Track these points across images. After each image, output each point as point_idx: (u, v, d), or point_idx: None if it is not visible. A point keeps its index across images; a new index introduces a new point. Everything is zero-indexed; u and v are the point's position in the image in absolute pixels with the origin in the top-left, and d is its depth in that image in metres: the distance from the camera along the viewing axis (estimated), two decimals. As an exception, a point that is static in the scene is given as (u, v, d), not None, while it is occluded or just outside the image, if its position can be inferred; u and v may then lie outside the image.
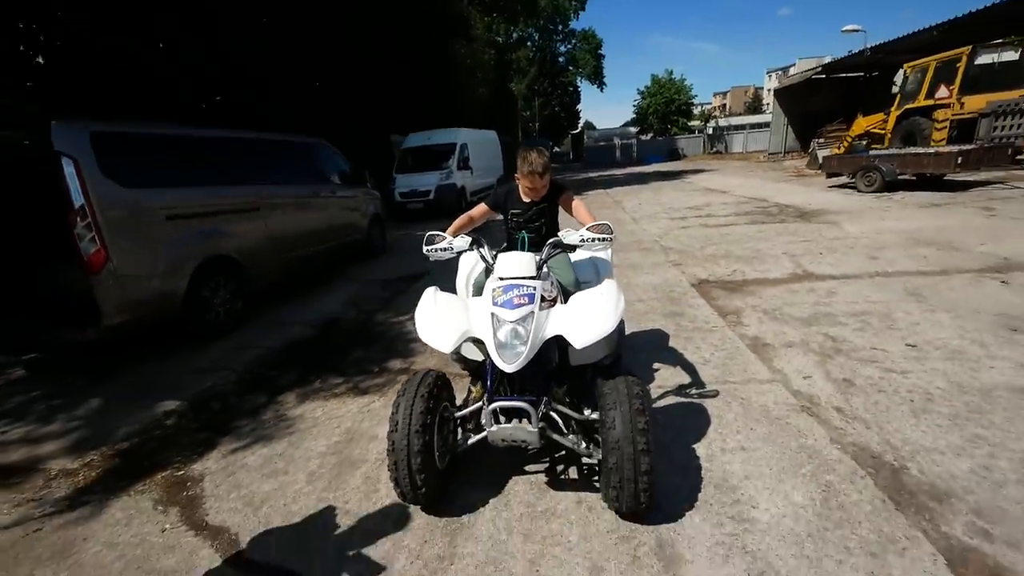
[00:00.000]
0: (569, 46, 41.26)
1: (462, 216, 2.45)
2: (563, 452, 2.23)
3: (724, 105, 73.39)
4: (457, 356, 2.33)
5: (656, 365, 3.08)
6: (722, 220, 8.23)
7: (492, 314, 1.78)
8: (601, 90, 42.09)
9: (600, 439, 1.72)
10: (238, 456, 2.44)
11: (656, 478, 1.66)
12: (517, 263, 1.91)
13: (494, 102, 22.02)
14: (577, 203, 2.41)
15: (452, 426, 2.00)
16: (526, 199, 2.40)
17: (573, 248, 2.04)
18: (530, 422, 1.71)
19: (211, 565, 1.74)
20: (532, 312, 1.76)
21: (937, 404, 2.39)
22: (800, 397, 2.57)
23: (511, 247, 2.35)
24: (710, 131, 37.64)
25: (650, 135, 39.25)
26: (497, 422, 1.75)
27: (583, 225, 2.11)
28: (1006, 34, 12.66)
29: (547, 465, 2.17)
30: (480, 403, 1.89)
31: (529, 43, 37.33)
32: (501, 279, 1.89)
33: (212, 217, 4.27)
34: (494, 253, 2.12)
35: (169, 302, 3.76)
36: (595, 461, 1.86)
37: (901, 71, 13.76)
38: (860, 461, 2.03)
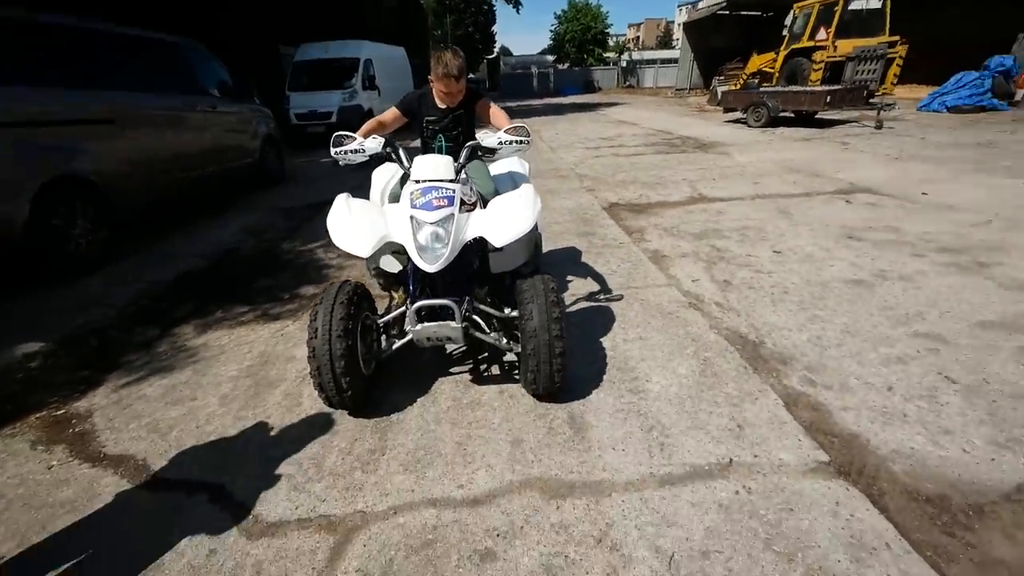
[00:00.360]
0: (483, -41, 37.89)
1: (371, 120, 2.30)
2: (485, 353, 2.39)
3: (638, 38, 73.58)
4: (376, 270, 2.31)
5: (570, 277, 3.31)
6: (632, 150, 8.62)
7: (411, 217, 1.78)
8: (518, 11, 39.42)
9: (520, 332, 1.87)
10: (133, 389, 2.27)
11: (567, 362, 1.86)
12: (434, 165, 1.89)
13: (400, 15, 19.77)
14: (495, 109, 2.37)
15: (375, 334, 2.04)
16: (441, 105, 2.32)
17: (492, 151, 2.04)
18: (453, 320, 1.80)
19: (119, 490, 1.67)
20: (452, 214, 1.78)
21: (790, 295, 2.89)
22: (688, 296, 2.96)
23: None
24: (623, 64, 37.88)
25: (566, 64, 38.47)
26: (421, 321, 1.80)
27: (501, 128, 2.12)
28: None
29: (470, 365, 2.32)
30: (403, 308, 1.93)
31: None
32: (418, 182, 1.87)
33: (55, 128, 3.54)
34: (410, 157, 2.06)
35: (5, 231, 3.15)
36: (515, 354, 2.03)
37: (792, 12, 14.74)
38: (731, 341, 2.44)
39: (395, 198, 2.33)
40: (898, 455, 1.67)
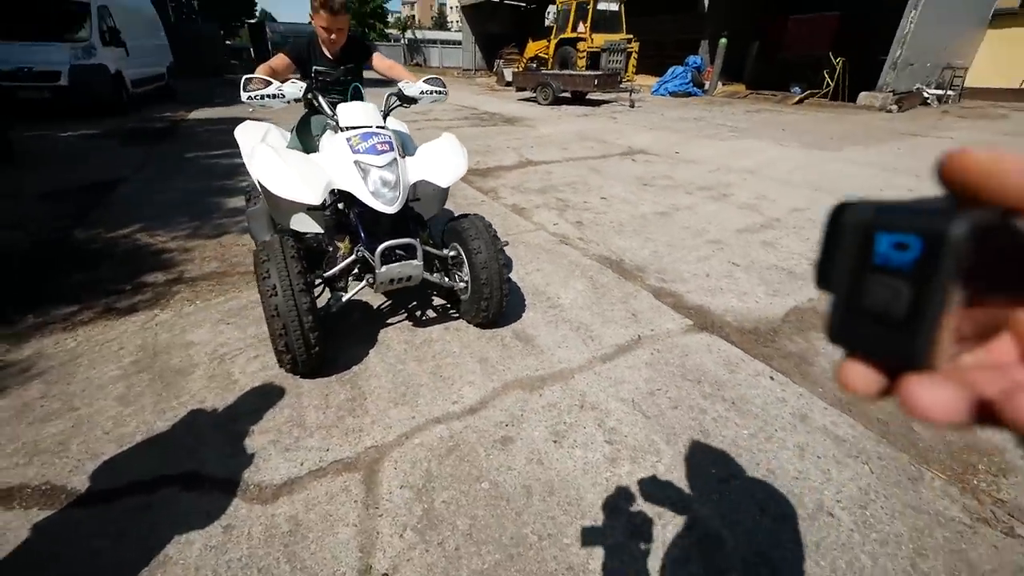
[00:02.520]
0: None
1: (261, 67, 2.05)
2: (413, 303, 2.47)
3: (413, 16, 72.99)
4: (290, 232, 2.11)
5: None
6: (449, 123, 8.95)
7: (356, 163, 1.75)
8: None
9: (467, 266, 2.05)
10: None
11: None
12: (364, 112, 1.86)
13: None
14: (391, 62, 2.38)
15: (319, 292, 1.93)
16: (330, 55, 2.22)
17: (414, 100, 2.09)
18: (415, 258, 1.86)
19: (31, 521, 1.28)
20: (396, 158, 1.82)
21: (626, 227, 3.73)
22: (557, 235, 3.52)
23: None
24: (405, 41, 37.38)
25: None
26: (386, 263, 1.80)
27: (402, 80, 2.18)
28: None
29: (404, 316, 2.38)
30: (352, 257, 1.88)
31: None
32: (349, 128, 1.82)
33: None
34: (331, 103, 1.95)
35: None
36: (458, 290, 2.19)
37: (552, 6, 17.04)
38: (601, 262, 3.08)
39: (298, 150, 2.15)
40: (726, 311, 2.52)
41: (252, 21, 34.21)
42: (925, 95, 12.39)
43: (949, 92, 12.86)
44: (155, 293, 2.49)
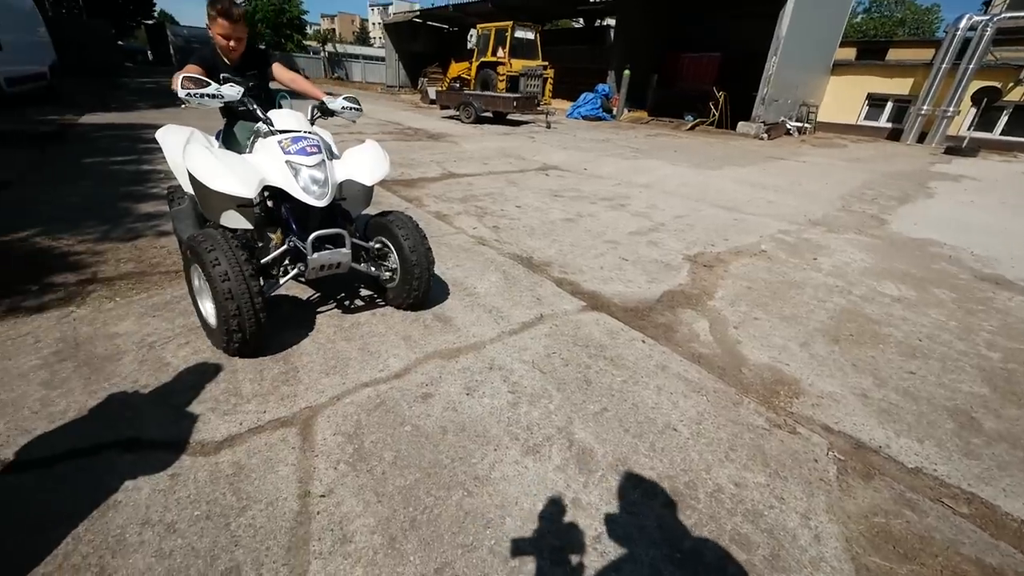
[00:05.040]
0: None
1: (175, 78, 2.16)
2: (342, 293, 2.70)
3: (333, 30, 71.23)
4: (220, 227, 2.26)
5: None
6: (374, 137, 9.07)
7: (288, 162, 1.99)
8: None
9: (395, 254, 2.34)
10: None
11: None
12: (295, 118, 2.11)
13: None
14: (293, 74, 2.53)
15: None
16: (229, 62, 2.35)
17: (333, 113, 2.36)
18: (343, 247, 2.11)
19: (-32, 485, 1.36)
20: (324, 160, 2.09)
21: (536, 231, 4.21)
22: (475, 238, 3.90)
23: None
24: (325, 55, 36.55)
25: (263, 46, 34.19)
26: (317, 251, 2.03)
27: (307, 93, 2.44)
28: (527, 19, 18.40)
29: (333, 305, 2.60)
30: (284, 247, 2.09)
31: None
32: (281, 132, 2.06)
33: None
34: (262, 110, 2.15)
35: None
36: (382, 278, 2.47)
37: (473, 30, 17.81)
38: (513, 259, 3.50)
39: (230, 147, 2.33)
40: (614, 294, 3.03)
41: (150, 22, 31.64)
42: (788, 126, 14.71)
43: (806, 124, 15.38)
44: (67, 292, 2.47)
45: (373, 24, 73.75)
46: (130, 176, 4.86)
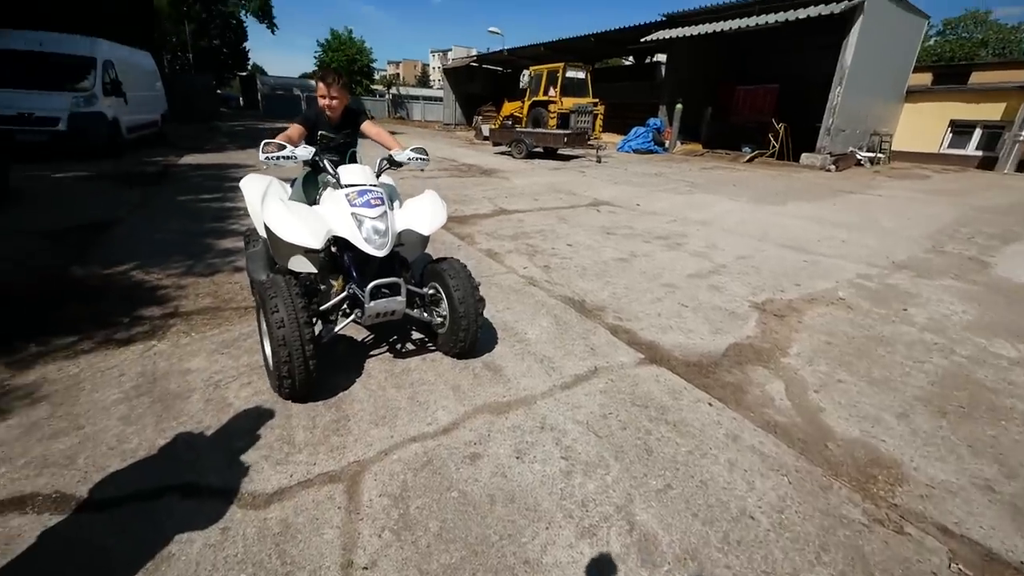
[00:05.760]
0: (225, -32, 33.62)
1: (280, 136, 2.36)
2: (394, 336, 2.71)
3: (398, 74, 76.67)
4: (287, 271, 2.36)
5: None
6: (430, 174, 9.45)
7: (353, 214, 2.06)
8: (273, 32, 36.50)
9: (446, 302, 2.33)
10: None
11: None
12: (362, 173, 2.21)
13: (128, 12, 15.90)
14: (379, 129, 2.76)
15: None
16: (331, 120, 2.59)
17: (400, 164, 2.46)
18: (399, 295, 2.14)
19: (43, 527, 1.41)
20: (386, 211, 2.15)
21: (588, 271, 4.11)
22: (525, 278, 3.85)
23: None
24: (389, 97, 39.33)
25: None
26: (375, 299, 2.07)
27: (386, 145, 2.59)
28: (577, 60, 18.92)
29: (385, 348, 2.61)
30: (344, 294, 2.15)
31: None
32: (349, 186, 2.15)
33: None
34: (334, 163, 2.29)
35: None
36: (434, 325, 2.45)
37: (526, 72, 18.49)
38: (565, 302, 3.40)
39: (299, 199, 2.46)
40: (674, 346, 2.84)
41: (244, 74, 35.61)
42: (858, 157, 13.84)
43: (879, 155, 14.41)
44: (152, 326, 2.66)
45: (433, 68, 78.69)
46: (214, 213, 5.30)
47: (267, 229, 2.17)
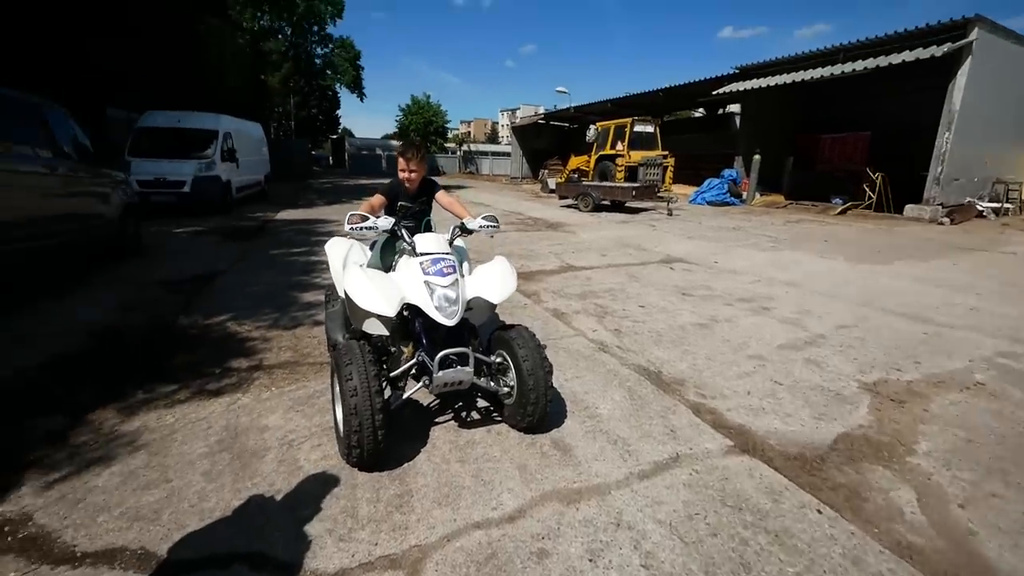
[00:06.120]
0: (326, 50, 39.75)
1: (364, 204, 2.55)
2: (459, 403, 2.65)
3: (469, 132, 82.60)
4: (361, 332, 2.43)
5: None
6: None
7: (426, 282, 2.10)
8: (361, 100, 42.01)
9: (513, 373, 2.25)
10: (75, 483, 1.90)
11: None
12: (436, 241, 2.27)
13: (246, 92, 19.12)
14: (452, 199, 2.89)
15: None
16: (409, 191, 2.73)
17: (471, 231, 2.52)
18: (467, 365, 2.10)
19: (124, 586, 1.45)
20: (457, 279, 2.16)
21: (664, 337, 3.85)
22: (595, 343, 3.68)
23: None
24: (460, 153, 42.37)
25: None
26: (443, 368, 2.05)
27: (458, 214, 2.71)
28: (644, 114, 19.19)
29: (450, 415, 2.55)
30: (413, 361, 2.15)
31: (280, 36, 34.01)
32: (425, 254, 2.21)
33: None
34: (410, 231, 2.39)
35: None
36: (501, 395, 2.36)
37: (592, 127, 19.02)
38: (639, 372, 3.18)
39: (375, 264, 2.57)
40: (769, 433, 2.50)
41: (335, 136, 40.60)
42: (979, 208, 12.28)
43: (1006, 205, 12.69)
44: (239, 378, 2.83)
45: (502, 125, 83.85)
46: (301, 266, 5.77)
47: (346, 293, 2.27)
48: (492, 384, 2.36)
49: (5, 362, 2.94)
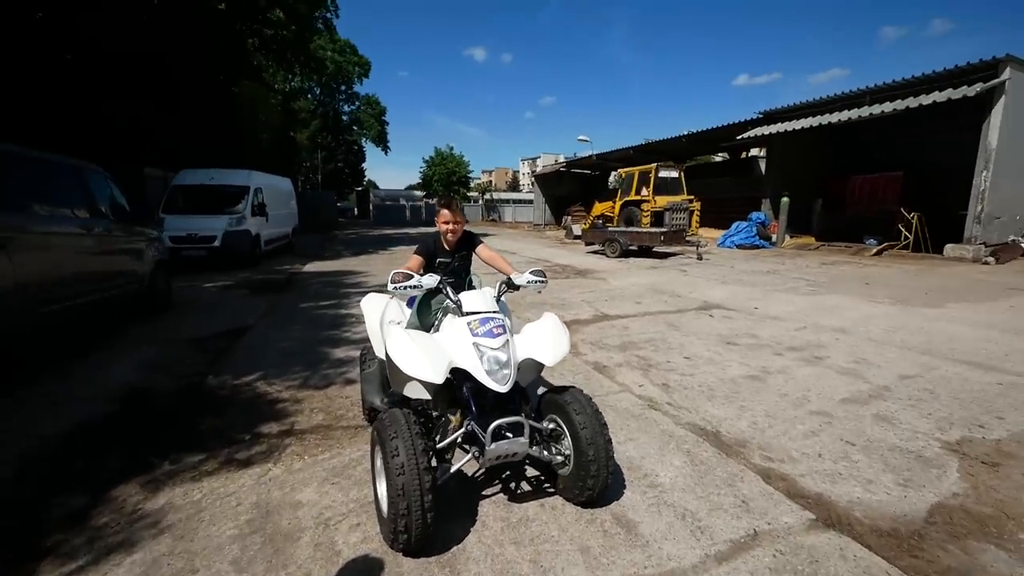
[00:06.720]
0: (353, 107, 42.64)
1: (403, 267, 2.47)
2: (507, 472, 2.45)
3: (491, 181, 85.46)
4: (401, 396, 2.30)
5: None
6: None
7: (475, 344, 1.97)
8: (386, 153, 44.46)
9: (569, 440, 2.05)
10: (92, 573, 1.73)
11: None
12: (483, 299, 2.16)
13: (276, 148, 20.45)
14: (493, 253, 2.81)
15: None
16: (448, 247, 2.67)
17: (518, 288, 2.42)
18: (521, 435, 1.92)
19: None
20: (508, 340, 2.03)
21: (716, 391, 3.59)
22: (644, 399, 3.45)
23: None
24: (483, 202, 43.59)
25: (435, 200, 42.93)
26: (496, 439, 1.87)
27: (502, 270, 2.62)
28: (668, 160, 19.46)
29: (498, 487, 2.34)
30: (461, 431, 1.98)
31: (310, 96, 36.82)
32: (472, 313, 2.10)
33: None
34: (453, 288, 2.29)
35: None
36: (554, 465, 2.16)
37: (614, 173, 19.34)
38: (696, 433, 2.92)
39: (415, 324, 2.46)
40: (852, 503, 2.21)
41: (360, 188, 42.57)
42: (1024, 246, 11.74)
43: (1051, 243, 12.11)
44: (269, 445, 2.70)
45: (523, 174, 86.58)
46: (330, 320, 5.75)
47: (387, 356, 2.15)
48: (545, 453, 2.16)
49: (32, 430, 2.88)
